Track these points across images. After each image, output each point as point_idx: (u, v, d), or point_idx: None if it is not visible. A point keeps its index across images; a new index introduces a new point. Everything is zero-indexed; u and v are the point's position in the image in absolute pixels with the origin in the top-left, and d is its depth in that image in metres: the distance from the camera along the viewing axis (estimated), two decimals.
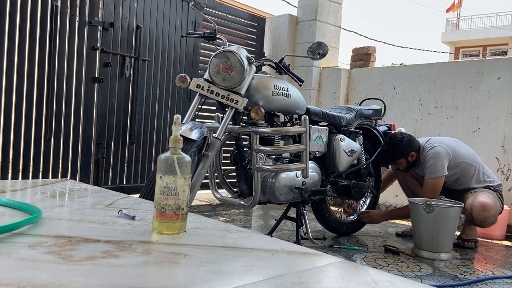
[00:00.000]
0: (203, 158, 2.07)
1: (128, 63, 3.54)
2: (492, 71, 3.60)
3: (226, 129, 2.19)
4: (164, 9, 3.75)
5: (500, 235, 3.30)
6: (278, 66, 2.42)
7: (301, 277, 0.70)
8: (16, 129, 3.01)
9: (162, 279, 0.65)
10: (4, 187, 1.31)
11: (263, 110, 2.17)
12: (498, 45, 19.02)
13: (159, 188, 0.90)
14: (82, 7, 3.28)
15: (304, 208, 2.60)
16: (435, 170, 2.87)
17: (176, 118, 0.95)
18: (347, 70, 4.54)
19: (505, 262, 2.67)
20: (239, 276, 0.68)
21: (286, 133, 2.39)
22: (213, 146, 2.08)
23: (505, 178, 3.48)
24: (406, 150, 2.93)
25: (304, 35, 4.54)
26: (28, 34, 3.04)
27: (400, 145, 2.93)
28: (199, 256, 0.76)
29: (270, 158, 2.43)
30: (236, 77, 2.13)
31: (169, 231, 0.89)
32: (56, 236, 0.82)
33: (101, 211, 1.07)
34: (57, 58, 3.18)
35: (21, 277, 0.61)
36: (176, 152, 0.92)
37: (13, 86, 2.99)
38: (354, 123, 2.93)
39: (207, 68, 2.19)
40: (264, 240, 0.91)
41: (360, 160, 2.98)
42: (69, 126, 3.28)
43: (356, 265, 0.78)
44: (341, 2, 4.69)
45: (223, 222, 1.06)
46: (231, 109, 2.16)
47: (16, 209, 1.02)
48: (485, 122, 3.61)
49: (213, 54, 2.17)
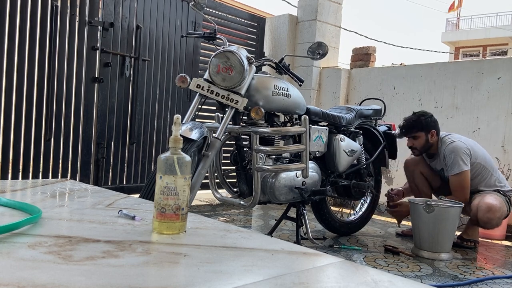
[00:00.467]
0: (203, 158, 2.07)
1: (128, 63, 3.54)
2: (492, 71, 3.60)
3: (226, 129, 2.19)
4: (164, 9, 3.75)
5: (500, 235, 3.30)
6: (278, 66, 2.43)
7: (301, 277, 0.70)
8: (16, 129, 3.01)
9: (162, 279, 0.65)
10: (4, 187, 1.31)
11: (263, 110, 2.17)
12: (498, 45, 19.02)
13: (159, 188, 0.90)
14: (82, 7, 3.28)
15: (304, 208, 2.60)
16: (458, 165, 2.82)
17: (176, 118, 0.95)
18: (347, 70, 4.54)
19: (505, 262, 2.67)
20: (239, 276, 0.68)
21: (286, 133, 2.39)
22: (213, 146, 2.08)
23: (505, 178, 3.47)
24: (430, 125, 2.94)
25: (304, 35, 4.54)
26: (28, 34, 3.04)
27: (426, 117, 2.96)
28: (199, 256, 0.76)
29: (270, 158, 2.44)
30: (236, 77, 2.13)
31: (169, 231, 0.89)
32: (56, 236, 0.82)
33: (101, 211, 1.07)
34: (57, 58, 3.18)
35: (21, 277, 0.61)
36: (176, 152, 0.92)
37: (13, 86, 2.99)
38: (354, 123, 2.93)
39: (207, 68, 2.19)
40: (264, 240, 0.91)
41: (360, 160, 2.98)
42: (69, 126, 3.28)
43: (356, 265, 0.78)
44: (341, 2, 4.69)
45: (223, 222, 1.06)
46: (231, 109, 2.16)
47: (16, 209, 1.02)
48: (485, 122, 3.61)
49: (213, 54, 2.17)
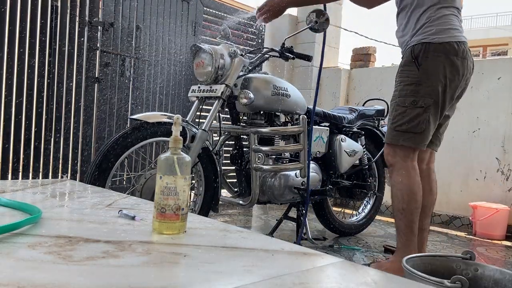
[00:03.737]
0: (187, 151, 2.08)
1: (128, 63, 3.54)
2: (492, 71, 3.60)
3: (214, 120, 2.22)
4: (164, 9, 3.75)
5: (500, 235, 3.30)
6: (282, 54, 2.43)
7: (301, 277, 0.70)
8: (16, 129, 3.01)
9: (162, 279, 0.65)
10: (4, 187, 1.31)
11: (251, 94, 2.19)
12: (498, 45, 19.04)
13: (159, 188, 0.90)
14: (82, 7, 3.28)
15: (304, 208, 2.60)
16: None
17: (176, 118, 0.95)
18: (347, 70, 4.54)
19: (505, 262, 2.66)
20: (239, 276, 0.68)
21: (284, 133, 2.39)
22: (198, 138, 2.09)
23: (505, 178, 3.48)
24: None
25: (304, 35, 4.54)
26: (28, 34, 3.04)
27: None
28: (199, 256, 0.76)
29: (270, 158, 2.44)
30: (209, 69, 2.19)
31: (169, 231, 0.89)
32: (56, 236, 0.82)
33: (101, 211, 1.07)
34: (57, 58, 3.18)
35: (21, 277, 0.61)
36: (176, 152, 0.92)
37: (13, 86, 2.99)
38: (356, 124, 2.93)
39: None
40: (264, 240, 0.91)
41: (362, 161, 2.97)
42: (69, 126, 3.28)
43: (356, 265, 0.78)
44: (341, 2, 4.69)
45: (223, 222, 1.06)
46: (218, 100, 2.20)
47: (16, 209, 1.02)
48: (485, 122, 3.61)
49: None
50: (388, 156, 2.13)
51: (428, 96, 2.01)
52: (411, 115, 2.04)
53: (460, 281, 1.18)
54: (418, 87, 2.03)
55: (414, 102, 2.03)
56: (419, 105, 2.02)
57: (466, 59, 2.03)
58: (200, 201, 2.20)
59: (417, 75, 2.02)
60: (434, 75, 2.00)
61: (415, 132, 2.03)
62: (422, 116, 2.02)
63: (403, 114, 2.06)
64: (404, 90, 2.08)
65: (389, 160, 2.13)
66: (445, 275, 1.33)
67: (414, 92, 2.03)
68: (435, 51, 1.99)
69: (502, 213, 3.29)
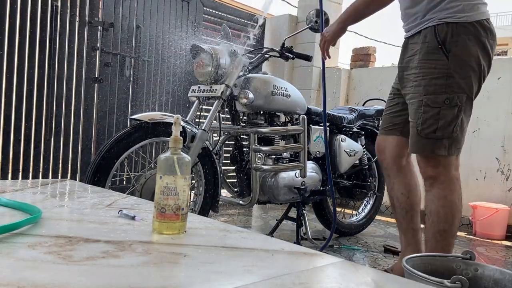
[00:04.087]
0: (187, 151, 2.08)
1: (128, 63, 3.54)
2: (492, 71, 3.57)
3: (213, 120, 2.23)
4: (164, 9, 3.75)
5: (500, 235, 3.30)
6: (282, 53, 2.44)
7: (301, 277, 0.70)
8: (16, 129, 3.01)
9: (162, 279, 0.65)
10: (4, 187, 1.31)
11: (250, 94, 2.19)
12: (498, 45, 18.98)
13: (159, 188, 0.90)
14: (82, 7, 3.28)
15: (304, 208, 2.60)
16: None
17: (176, 118, 0.95)
18: (347, 70, 4.54)
19: (505, 262, 2.66)
20: (239, 277, 0.68)
21: (283, 133, 2.39)
22: (198, 138, 2.09)
23: (505, 178, 3.47)
24: None
25: (304, 35, 4.53)
26: (28, 34, 3.04)
27: None
28: (199, 256, 0.76)
29: (270, 158, 2.44)
30: (208, 69, 2.19)
31: (169, 231, 0.89)
32: (56, 236, 0.82)
33: (101, 211, 1.07)
34: (57, 58, 3.18)
35: (21, 277, 0.61)
36: (176, 152, 0.92)
37: (13, 86, 2.99)
38: (356, 124, 2.93)
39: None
40: (264, 240, 0.91)
41: (362, 161, 2.97)
42: (69, 126, 3.28)
43: (356, 265, 0.78)
44: (341, 2, 4.69)
45: (223, 222, 1.06)
46: (217, 100, 2.21)
47: (16, 209, 1.02)
48: (485, 122, 3.61)
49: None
50: (427, 168, 1.74)
51: (461, 91, 1.67)
52: (447, 118, 1.67)
53: (460, 281, 1.18)
54: (450, 80, 1.65)
55: (448, 100, 1.67)
56: (454, 103, 1.67)
57: (495, 40, 1.73)
58: (200, 201, 2.20)
59: (447, 65, 1.65)
60: (467, 64, 1.66)
61: (454, 138, 1.69)
62: (459, 117, 1.69)
63: (436, 117, 1.68)
64: (432, 86, 1.68)
65: (428, 172, 1.75)
66: (445, 275, 1.32)
67: (446, 87, 1.66)
68: (465, 34, 1.63)
69: (502, 213, 3.29)
